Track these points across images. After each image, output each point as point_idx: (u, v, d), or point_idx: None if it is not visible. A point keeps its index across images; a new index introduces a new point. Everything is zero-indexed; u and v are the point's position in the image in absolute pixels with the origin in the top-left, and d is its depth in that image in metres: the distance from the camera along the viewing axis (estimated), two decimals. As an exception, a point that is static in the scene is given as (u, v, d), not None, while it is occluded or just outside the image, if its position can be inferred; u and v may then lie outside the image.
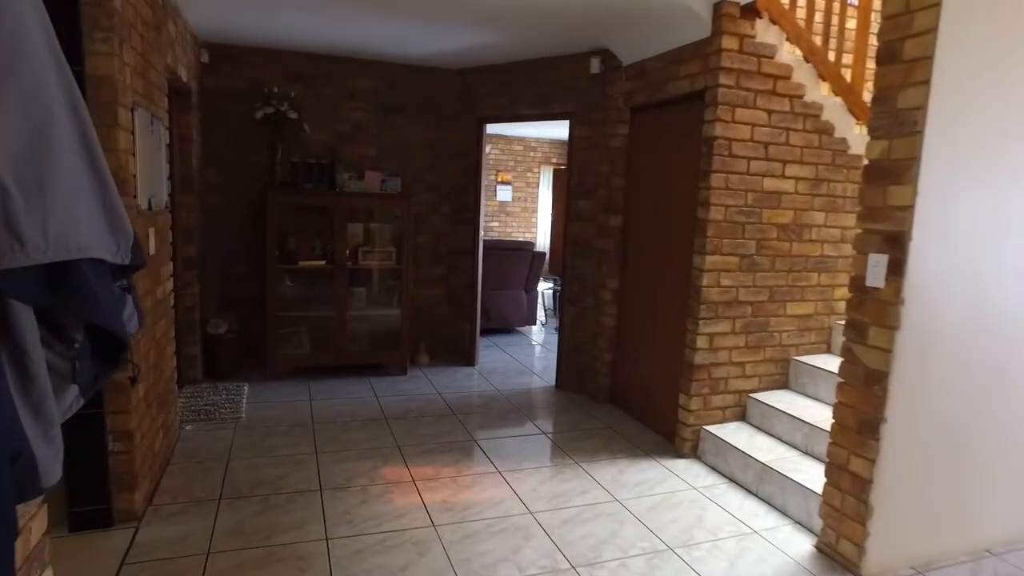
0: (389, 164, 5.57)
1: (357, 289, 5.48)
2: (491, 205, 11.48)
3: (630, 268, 4.56)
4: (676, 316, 3.97)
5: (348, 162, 5.40)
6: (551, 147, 11.82)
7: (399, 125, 5.56)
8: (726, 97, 3.48)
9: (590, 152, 4.83)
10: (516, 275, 6.93)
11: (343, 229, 5.08)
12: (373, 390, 4.99)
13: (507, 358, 6.19)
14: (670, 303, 4.08)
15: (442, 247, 5.82)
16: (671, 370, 4.03)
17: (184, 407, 4.35)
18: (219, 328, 4.97)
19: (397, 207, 5.31)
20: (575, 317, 5.08)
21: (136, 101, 2.89)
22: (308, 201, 5.14)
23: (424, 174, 5.69)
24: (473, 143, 5.55)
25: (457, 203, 5.72)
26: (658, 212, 4.23)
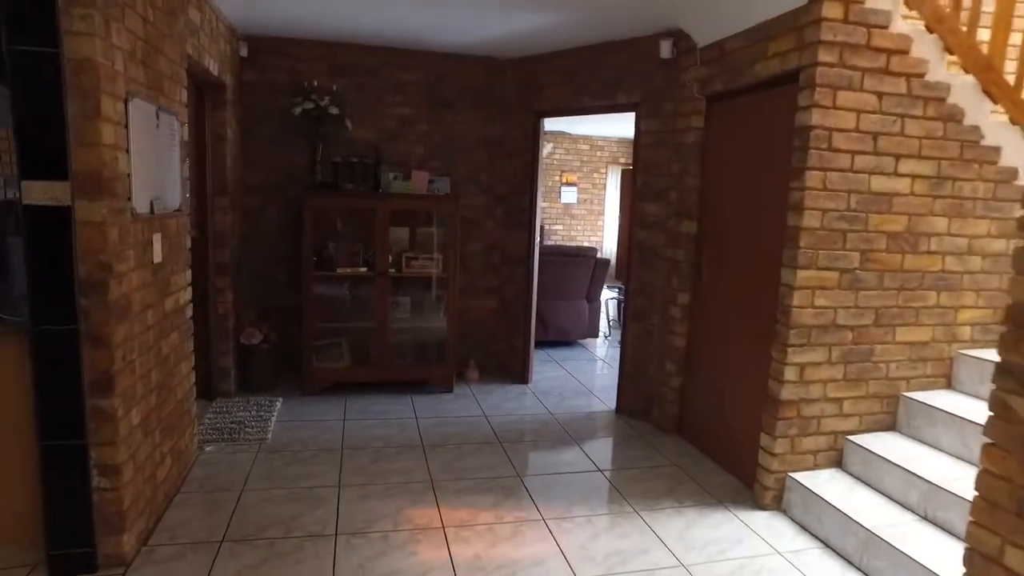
0: (437, 163, 5.14)
1: (401, 299, 5.07)
2: (555, 207, 10.97)
3: (705, 282, 3.95)
4: (759, 340, 3.35)
5: (393, 161, 5.01)
6: (619, 146, 11.20)
7: (449, 121, 5.12)
8: (826, 78, 2.85)
9: (659, 149, 4.25)
10: (577, 284, 6.39)
11: (385, 234, 4.68)
12: (414, 410, 4.56)
13: (564, 375, 5.66)
14: (752, 325, 3.46)
15: (495, 255, 5.35)
16: (751, 403, 3.41)
17: (209, 424, 4.04)
18: (253, 338, 4.67)
19: (445, 210, 4.88)
20: (640, 335, 4.50)
21: (133, 91, 2.54)
22: (348, 203, 4.77)
23: (476, 174, 5.23)
24: (530, 140, 5.06)
25: (512, 206, 5.24)
26: (739, 218, 3.62)
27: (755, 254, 3.45)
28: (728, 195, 3.73)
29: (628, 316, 4.59)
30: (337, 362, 4.93)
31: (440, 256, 4.90)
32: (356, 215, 4.89)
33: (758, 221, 3.42)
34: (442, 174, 5.11)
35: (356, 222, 4.90)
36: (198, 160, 4.30)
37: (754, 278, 3.45)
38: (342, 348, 4.99)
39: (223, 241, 4.42)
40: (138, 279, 2.66)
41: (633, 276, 4.48)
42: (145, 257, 2.75)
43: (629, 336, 4.59)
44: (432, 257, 4.91)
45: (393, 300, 5.02)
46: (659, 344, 4.34)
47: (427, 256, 4.91)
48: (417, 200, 4.85)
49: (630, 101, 4.39)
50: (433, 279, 5.02)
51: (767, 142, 3.35)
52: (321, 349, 4.91)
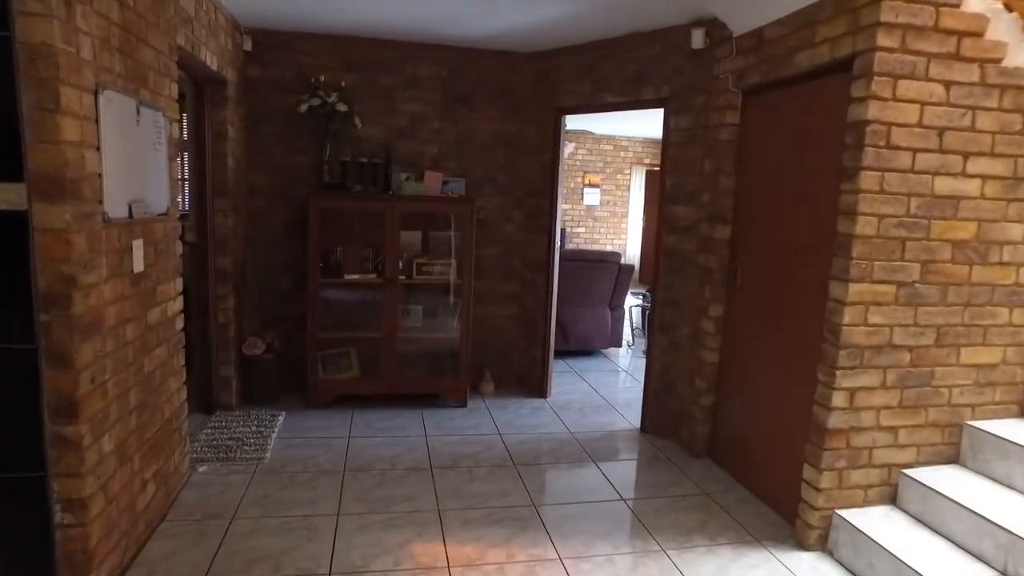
0: (452, 163, 4.86)
1: (412, 307, 4.80)
2: (577, 209, 10.65)
3: (740, 293, 3.61)
4: (802, 359, 3.01)
5: (405, 161, 4.74)
6: (644, 146, 10.84)
7: (464, 118, 4.84)
8: (885, 65, 2.50)
9: (690, 147, 3.92)
10: (599, 290, 6.06)
11: (395, 238, 4.41)
12: (424, 426, 4.28)
13: (585, 388, 5.34)
14: (794, 342, 3.12)
15: (513, 259, 5.05)
16: (792, 428, 3.07)
17: (205, 441, 3.79)
18: (255, 349, 4.42)
19: (460, 213, 4.59)
20: (667, 349, 4.17)
21: (105, 82, 2.29)
22: (356, 205, 4.50)
23: (492, 175, 4.94)
24: (550, 138, 4.75)
25: (531, 209, 4.94)
26: (780, 223, 3.28)
27: (798, 264, 3.10)
28: (767, 197, 3.39)
29: (655, 327, 4.26)
30: (345, 373, 4.66)
31: (454, 261, 4.62)
32: (365, 218, 4.62)
33: (802, 227, 3.08)
34: (457, 175, 4.83)
35: (365, 225, 4.64)
36: (198, 160, 4.06)
37: (797, 290, 3.11)
38: (350, 358, 4.73)
39: (224, 246, 4.18)
40: (113, 291, 2.40)
41: (661, 284, 4.15)
42: (123, 266, 2.50)
43: (655, 349, 4.26)
44: (445, 262, 4.62)
45: (404, 308, 4.75)
46: (689, 359, 4.01)
47: (440, 261, 4.62)
48: (430, 202, 4.57)
49: (658, 96, 4.06)
50: (447, 286, 4.73)
51: (813, 139, 3.01)
52: (327, 360, 4.65)
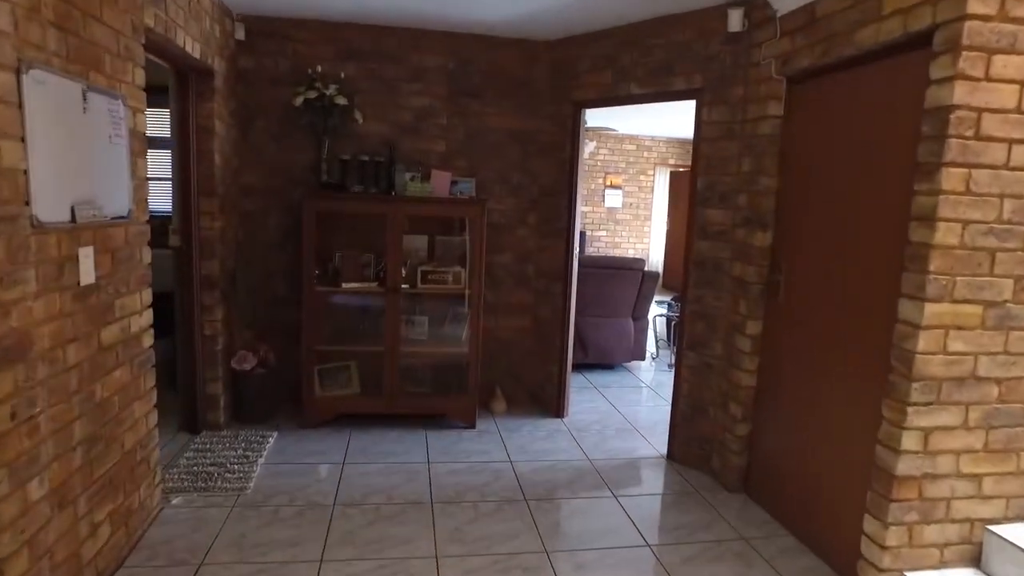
0: (461, 162, 4.46)
1: (417, 318, 4.41)
2: (598, 212, 10.21)
3: (783, 309, 3.16)
4: (862, 390, 2.56)
5: (410, 159, 4.35)
6: (668, 146, 10.37)
7: (475, 113, 4.44)
8: (977, 37, 2.06)
9: (725, 143, 3.48)
10: (622, 300, 5.63)
11: (398, 243, 4.02)
12: (427, 451, 3.88)
13: (605, 407, 4.90)
14: (851, 370, 2.67)
15: (528, 267, 4.64)
16: (848, 467, 2.62)
17: (184, 467, 3.43)
18: (246, 363, 4.06)
19: (470, 216, 4.18)
20: (697, 368, 3.73)
21: (32, 60, 1.92)
22: (355, 207, 4.12)
23: (506, 174, 4.53)
24: (568, 135, 4.33)
25: (548, 211, 4.52)
26: (832, 229, 2.83)
27: (857, 278, 2.65)
28: (816, 199, 2.94)
29: (683, 343, 3.82)
30: (344, 389, 4.29)
31: (462, 269, 4.21)
32: (365, 221, 4.24)
33: (862, 234, 2.63)
34: (466, 174, 4.43)
35: (366, 229, 4.26)
36: (182, 158, 3.71)
37: (855, 309, 2.66)
38: (350, 373, 4.35)
39: (211, 251, 3.83)
40: (47, 308, 2.04)
41: (690, 296, 3.71)
42: (63, 278, 2.13)
43: (684, 368, 3.82)
44: (453, 270, 4.22)
45: (407, 319, 4.36)
46: (721, 380, 3.56)
47: (447, 269, 4.22)
48: (436, 204, 4.17)
49: (689, 87, 3.63)
50: (455, 296, 4.33)
51: (876, 131, 2.56)
52: (325, 375, 4.28)
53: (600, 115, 7.43)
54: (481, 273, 4.11)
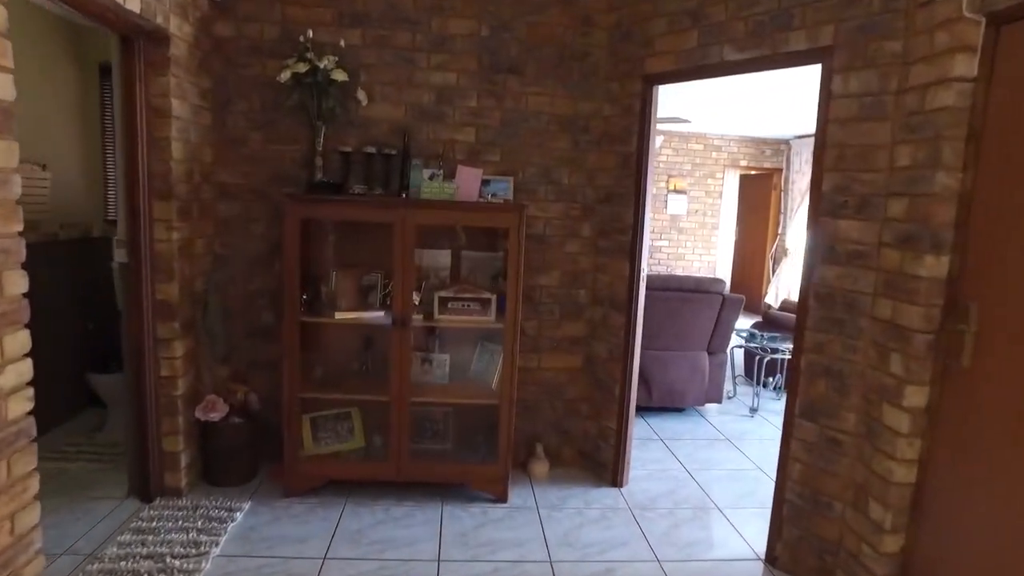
0: (495, 156, 3.49)
1: (436, 357, 3.45)
2: (660, 219, 9.11)
3: (970, 374, 2.06)
4: None
5: (429, 153, 3.41)
6: (740, 146, 9.20)
7: (513, 93, 3.46)
8: None
9: (869, 125, 2.40)
10: (696, 330, 4.55)
11: (407, 261, 3.06)
12: (439, 537, 2.91)
13: (676, 469, 3.84)
14: None
15: (579, 292, 3.62)
16: None
17: (115, 556, 2.55)
18: (214, 412, 3.17)
19: (504, 225, 3.18)
20: (817, 444, 2.64)
21: None
22: (353, 214, 3.18)
23: (552, 172, 3.53)
24: (635, 120, 3.31)
25: (606, 221, 3.51)
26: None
27: None
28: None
29: (795, 405, 2.73)
30: (344, 443, 3.38)
31: (492, 297, 3.23)
32: (372, 233, 3.31)
33: None
34: (501, 172, 3.46)
35: (373, 243, 3.33)
36: (128, 149, 2.85)
37: None
38: (352, 423, 3.43)
39: (167, 268, 2.96)
40: None
41: (808, 343, 2.63)
42: None
43: (795, 442, 2.73)
44: (482, 296, 3.24)
45: (423, 358, 3.41)
46: (856, 467, 2.47)
47: (474, 295, 3.24)
48: (460, 210, 3.19)
49: (812, 46, 2.56)
50: (486, 329, 3.35)
51: None
52: (319, 425, 3.38)
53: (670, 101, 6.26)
54: (517, 299, 3.12)
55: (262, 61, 3.32)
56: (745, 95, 6.10)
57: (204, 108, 3.22)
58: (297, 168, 3.40)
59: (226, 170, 3.39)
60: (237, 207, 3.42)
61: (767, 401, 5.22)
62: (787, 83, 5.33)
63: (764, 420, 4.82)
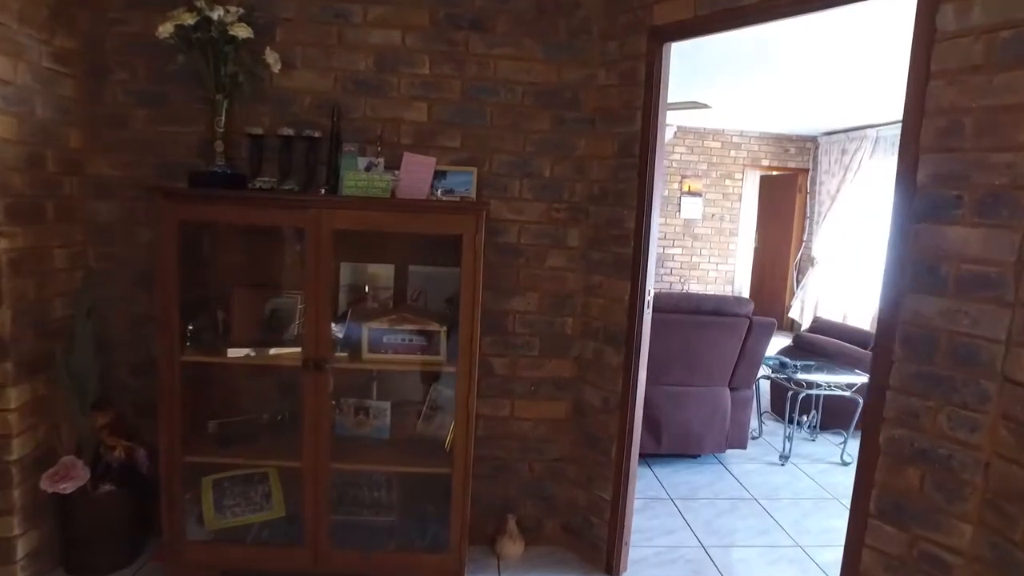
0: (454, 141, 2.65)
1: (375, 404, 2.61)
2: (672, 224, 8.25)
3: None
4: None
5: (368, 136, 2.58)
6: (761, 144, 8.32)
7: (477, 57, 2.62)
8: None
9: (1005, 76, 1.54)
10: (715, 361, 3.69)
11: (322, 279, 2.23)
12: (359, 673, 2.07)
13: (690, 546, 2.98)
14: None
15: (565, 319, 2.77)
16: None
17: None
18: (64, 481, 2.35)
19: (456, 231, 2.32)
20: (904, 565, 1.77)
21: None
22: (247, 216, 2.33)
23: (530, 162, 2.69)
24: (639, 91, 2.46)
25: (600, 226, 2.66)
26: None
27: None
28: None
29: (869, 498, 1.87)
30: (258, 512, 2.55)
31: (441, 329, 2.38)
32: (285, 242, 2.49)
33: None
34: (462, 161, 2.63)
35: (286, 255, 2.51)
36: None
37: None
38: (269, 487, 2.61)
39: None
40: None
41: (891, 408, 1.77)
42: None
43: (868, 552, 1.87)
44: (428, 329, 2.39)
45: (357, 407, 2.58)
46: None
47: (417, 327, 2.40)
48: (397, 211, 2.35)
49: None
50: (429, 373, 2.51)
51: None
52: (224, 490, 2.55)
53: (687, 79, 5.29)
54: (473, 331, 2.28)
55: (147, 16, 2.50)
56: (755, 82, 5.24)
57: (64, 75, 2.41)
58: (195, 156, 2.58)
59: (101, 158, 2.58)
60: (117, 208, 2.61)
61: (800, 443, 4.34)
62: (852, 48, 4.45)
63: (798, 470, 3.94)
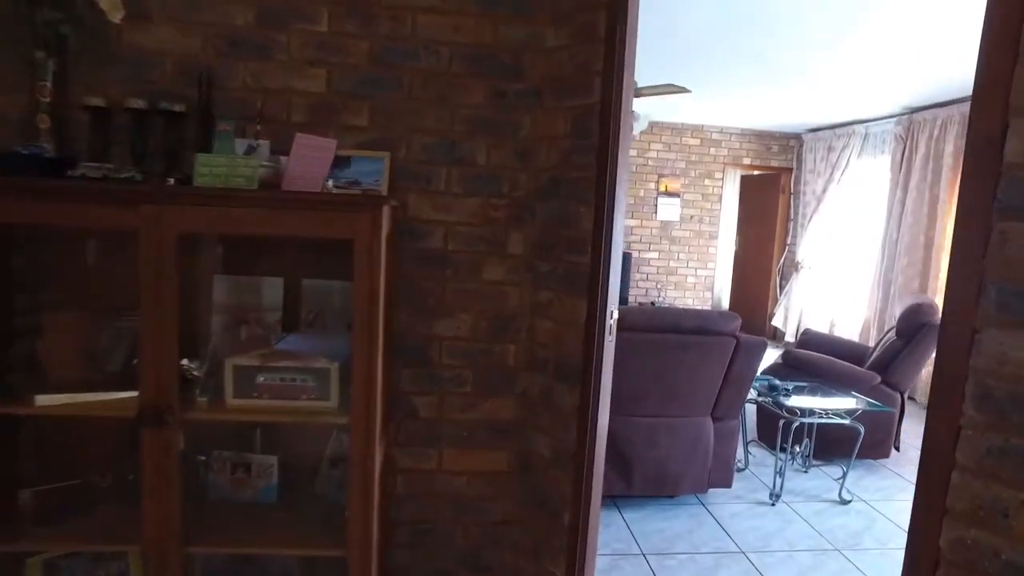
0: (361, 119, 2.05)
1: (258, 459, 2.00)
2: (648, 227, 7.73)
3: None
4: None
5: (248, 110, 1.98)
6: (743, 141, 7.85)
7: (390, 10, 2.03)
8: None
9: None
10: (695, 387, 3.13)
11: (164, 299, 1.63)
12: None
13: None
14: None
15: (507, 346, 2.18)
16: None
17: None
18: None
19: (344, 235, 1.72)
20: None
21: None
22: (58, 215, 1.69)
23: (460, 145, 2.09)
24: (598, 52, 1.89)
25: (550, 227, 2.08)
26: None
27: None
28: None
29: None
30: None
31: (333, 364, 1.78)
32: (119, 250, 1.87)
33: None
34: (372, 144, 2.04)
35: (120, 267, 1.88)
36: None
37: None
38: (125, 564, 1.98)
39: None
40: None
41: (955, 495, 1.20)
42: None
43: None
44: (313, 367, 1.79)
45: (234, 462, 1.97)
46: None
47: (299, 364, 1.80)
48: (266, 208, 1.72)
49: None
50: (318, 426, 1.91)
51: None
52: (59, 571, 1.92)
53: (657, 62, 4.73)
54: (371, 367, 1.69)
55: (-50, -52, 1.88)
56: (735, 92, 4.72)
57: None
58: (14, 134, 1.96)
59: None
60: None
61: (792, 475, 3.81)
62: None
63: (791, 511, 3.40)
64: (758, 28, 3.96)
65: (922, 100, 5.67)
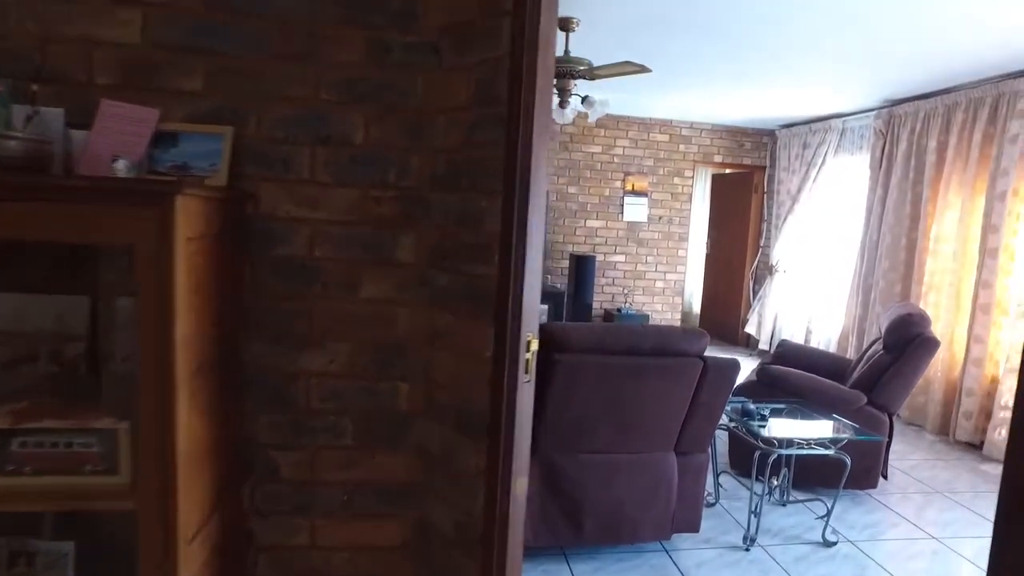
0: (194, 81, 1.52)
1: (47, 547, 1.45)
2: (614, 229, 7.26)
3: None
4: None
5: (27, 67, 1.44)
6: (714, 137, 7.42)
7: (230, -68, 1.51)
8: None
9: None
10: (656, 418, 2.64)
11: None
12: None
13: None
14: None
15: (397, 384, 1.66)
16: None
17: None
18: None
19: (122, 238, 1.19)
20: None
21: None
22: None
23: (329, 118, 1.57)
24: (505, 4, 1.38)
25: (450, 227, 1.56)
26: None
27: None
28: None
29: None
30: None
31: (120, 424, 1.25)
32: None
33: None
34: (208, 116, 1.51)
35: None
36: None
37: None
38: None
39: None
40: None
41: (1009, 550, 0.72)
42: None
43: None
44: (90, 427, 1.26)
45: (15, 555, 1.42)
46: None
47: (77, 422, 1.26)
48: (16, 201, 1.20)
49: None
50: (110, 502, 1.37)
51: None
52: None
53: (619, 40, 4.18)
54: (166, 427, 1.16)
55: None
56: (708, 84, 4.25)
57: None
58: None
59: None
60: None
61: (768, 510, 3.33)
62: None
63: (768, 558, 2.92)
64: (722, 1, 3.49)
65: (903, 92, 5.27)
